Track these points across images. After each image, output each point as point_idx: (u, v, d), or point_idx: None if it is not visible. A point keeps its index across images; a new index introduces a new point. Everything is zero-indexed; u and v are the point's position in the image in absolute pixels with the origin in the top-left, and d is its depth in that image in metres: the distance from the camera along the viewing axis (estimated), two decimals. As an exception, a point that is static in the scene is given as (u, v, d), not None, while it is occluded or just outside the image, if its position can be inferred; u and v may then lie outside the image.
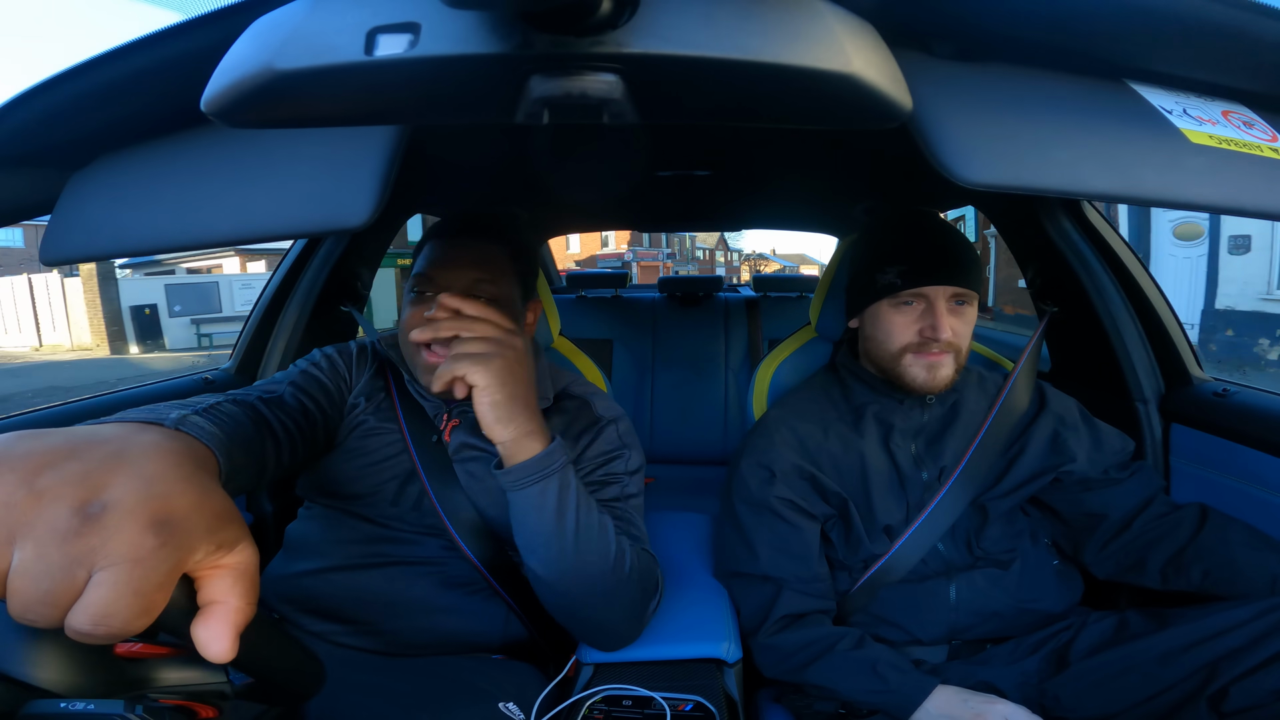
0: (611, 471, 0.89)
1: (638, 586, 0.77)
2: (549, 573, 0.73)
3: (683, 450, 2.24)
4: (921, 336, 0.89)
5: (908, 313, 0.91)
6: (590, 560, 0.72)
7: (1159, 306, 1.08)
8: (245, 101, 0.35)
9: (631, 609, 0.78)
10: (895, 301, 0.91)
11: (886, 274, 0.90)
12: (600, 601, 0.75)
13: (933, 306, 0.89)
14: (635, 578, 0.77)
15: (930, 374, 0.90)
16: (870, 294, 0.93)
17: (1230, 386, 1.00)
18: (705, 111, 0.39)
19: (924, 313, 0.90)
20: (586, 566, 0.72)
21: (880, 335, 0.93)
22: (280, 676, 0.52)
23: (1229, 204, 0.43)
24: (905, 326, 0.91)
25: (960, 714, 0.76)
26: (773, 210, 2.38)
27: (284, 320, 1.34)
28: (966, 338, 0.92)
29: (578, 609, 0.76)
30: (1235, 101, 0.49)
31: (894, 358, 0.92)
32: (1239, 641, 0.74)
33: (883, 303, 0.92)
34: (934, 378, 0.90)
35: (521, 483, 0.70)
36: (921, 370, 0.90)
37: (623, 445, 0.91)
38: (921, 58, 0.45)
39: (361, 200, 0.45)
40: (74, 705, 0.46)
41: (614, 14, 0.31)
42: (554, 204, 2.00)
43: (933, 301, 0.89)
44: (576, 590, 0.74)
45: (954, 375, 0.92)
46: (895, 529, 0.93)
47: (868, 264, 0.94)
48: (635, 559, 0.77)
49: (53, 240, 0.54)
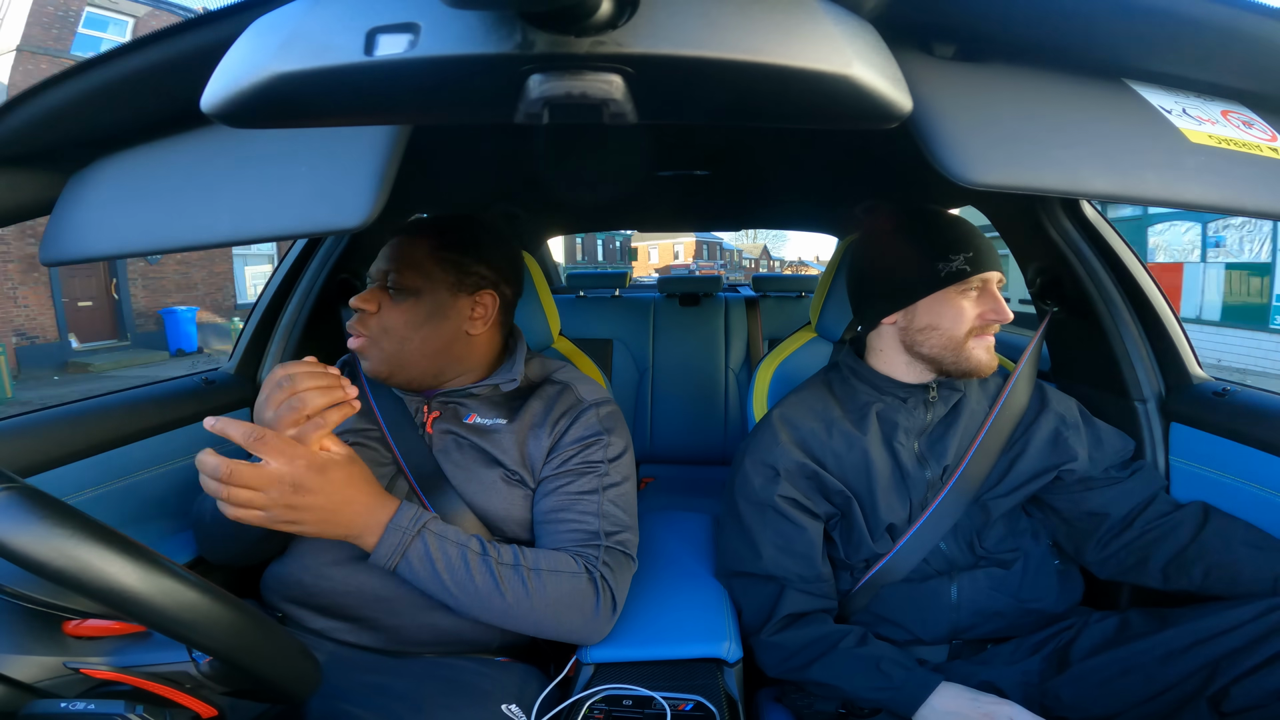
0: (589, 460, 0.89)
1: (549, 606, 0.78)
2: (463, 616, 0.78)
3: (682, 450, 2.24)
4: (983, 320, 0.93)
5: (973, 297, 0.94)
6: (485, 603, 0.76)
7: (1159, 306, 1.08)
8: (245, 102, 0.35)
9: (559, 624, 0.79)
10: (964, 288, 0.93)
11: (952, 261, 0.92)
12: (525, 624, 0.78)
13: (989, 291, 0.94)
14: (542, 597, 0.77)
15: (989, 354, 0.95)
16: (933, 283, 0.94)
17: (1230, 386, 1.00)
18: (705, 111, 0.39)
19: (982, 297, 0.94)
20: (486, 608, 0.76)
21: (946, 322, 0.94)
22: (277, 675, 0.52)
23: (1228, 203, 0.43)
24: (971, 310, 0.94)
25: (969, 713, 0.76)
26: (773, 210, 2.38)
27: (283, 320, 1.34)
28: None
29: (515, 630, 0.80)
30: (1234, 101, 0.49)
31: (960, 342, 0.94)
32: (1240, 641, 0.74)
33: (949, 290, 0.94)
34: (992, 358, 0.95)
35: (389, 563, 0.73)
36: (983, 352, 0.95)
37: (602, 430, 0.91)
38: (921, 58, 0.45)
39: (361, 200, 0.45)
40: (74, 705, 0.46)
41: (614, 14, 0.31)
42: (554, 204, 2.00)
43: (990, 286, 0.94)
44: (497, 621, 0.78)
45: None
46: (898, 528, 0.94)
47: (924, 255, 0.95)
48: (531, 584, 0.77)
49: (52, 240, 0.54)
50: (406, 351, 0.87)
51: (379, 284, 0.87)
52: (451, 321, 0.88)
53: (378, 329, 0.86)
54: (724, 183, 1.73)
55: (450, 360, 0.91)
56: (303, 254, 1.35)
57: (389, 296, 0.86)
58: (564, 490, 0.87)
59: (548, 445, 0.89)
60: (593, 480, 0.87)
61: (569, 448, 0.89)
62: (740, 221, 2.82)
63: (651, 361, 2.29)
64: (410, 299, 0.86)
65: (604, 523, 0.85)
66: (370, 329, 0.86)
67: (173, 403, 1.13)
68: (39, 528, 0.42)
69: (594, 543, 0.83)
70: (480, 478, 0.87)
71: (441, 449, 0.89)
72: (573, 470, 0.88)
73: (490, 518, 0.87)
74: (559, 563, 0.80)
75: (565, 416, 0.91)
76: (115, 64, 0.47)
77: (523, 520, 0.89)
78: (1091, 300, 1.10)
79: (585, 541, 0.84)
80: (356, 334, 0.87)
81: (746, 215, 2.58)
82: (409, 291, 0.86)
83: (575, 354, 1.34)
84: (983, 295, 0.94)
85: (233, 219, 0.48)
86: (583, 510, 0.85)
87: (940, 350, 0.95)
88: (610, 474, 0.89)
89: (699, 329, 2.32)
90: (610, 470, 0.89)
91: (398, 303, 0.86)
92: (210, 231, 0.49)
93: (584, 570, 0.80)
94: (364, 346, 0.87)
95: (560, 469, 0.88)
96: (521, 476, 0.88)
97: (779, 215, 2.52)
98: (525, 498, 0.89)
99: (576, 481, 0.87)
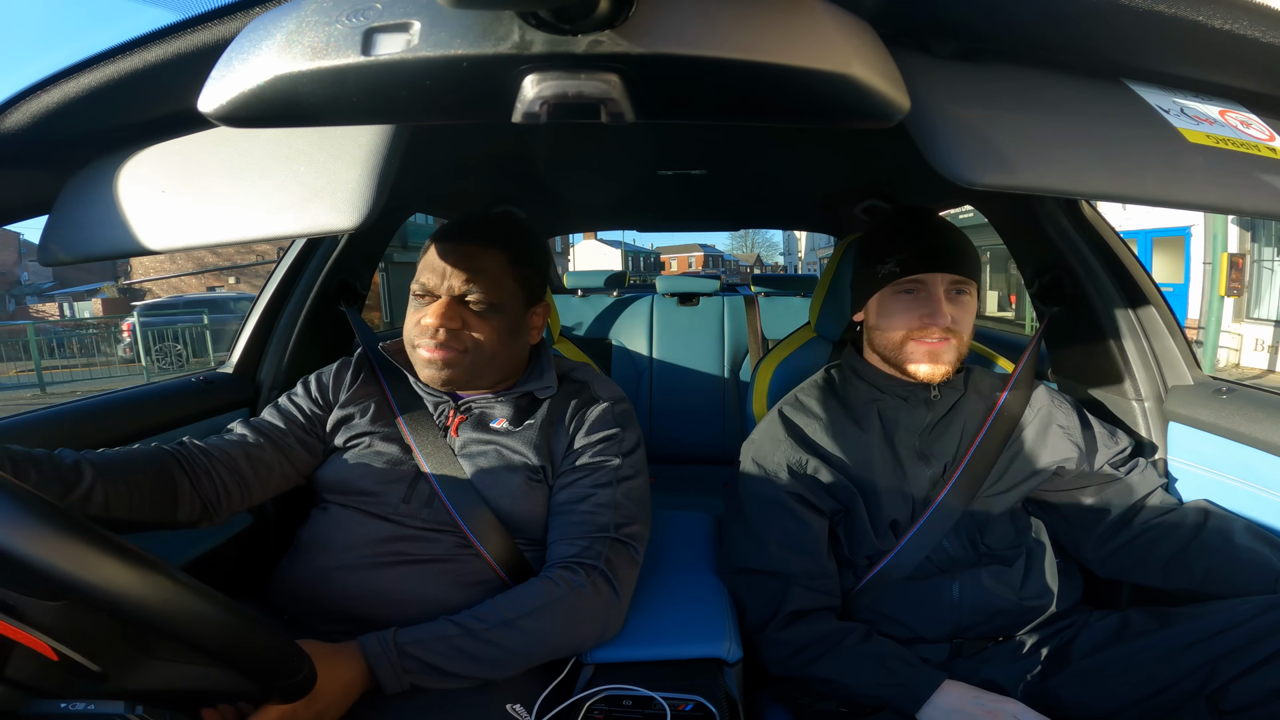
0: (604, 454, 0.90)
1: (556, 636, 0.79)
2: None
3: (682, 449, 2.24)
4: (921, 322, 0.93)
5: (908, 300, 0.95)
6: (499, 666, 0.76)
7: (1158, 306, 1.08)
8: (243, 102, 0.35)
9: (577, 643, 0.81)
10: (896, 289, 0.95)
11: (886, 264, 0.94)
12: (543, 658, 0.79)
13: (932, 293, 0.93)
14: (545, 634, 0.78)
15: (933, 361, 0.94)
16: (872, 283, 0.97)
17: (1230, 386, 1.00)
18: (703, 110, 0.39)
19: (924, 300, 0.93)
20: (501, 668, 0.76)
21: (884, 323, 0.97)
22: (270, 673, 0.52)
23: (1227, 203, 0.43)
24: (905, 313, 0.94)
25: (973, 710, 0.76)
26: (773, 210, 2.38)
27: (282, 321, 1.33)
28: (967, 326, 0.95)
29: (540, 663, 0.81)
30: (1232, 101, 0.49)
31: (898, 345, 0.96)
32: (1239, 640, 0.74)
33: (885, 291, 0.96)
34: (936, 365, 0.94)
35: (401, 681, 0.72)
36: (924, 357, 0.94)
37: (618, 426, 0.93)
38: (920, 58, 0.45)
39: (360, 200, 0.45)
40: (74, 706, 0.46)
41: (611, 13, 0.31)
42: (554, 204, 2.00)
43: (931, 288, 0.93)
44: (519, 669, 0.78)
45: (955, 363, 0.95)
46: (901, 525, 0.94)
47: (869, 257, 0.99)
48: (528, 628, 0.77)
49: (50, 240, 0.54)
50: (492, 364, 0.89)
51: (451, 296, 0.85)
52: (524, 333, 0.91)
53: (469, 343, 0.85)
54: (722, 182, 1.73)
55: (501, 367, 0.92)
56: (302, 254, 1.35)
57: (470, 311, 0.85)
58: (579, 483, 0.88)
59: (566, 442, 0.91)
60: (607, 474, 0.89)
61: (585, 443, 0.90)
62: (739, 221, 2.82)
63: (651, 361, 2.29)
64: (497, 315, 0.86)
65: (615, 514, 0.86)
66: (462, 343, 0.85)
67: (172, 402, 1.13)
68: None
69: (602, 534, 0.84)
70: (504, 481, 0.87)
71: (466, 453, 0.89)
72: (588, 465, 0.89)
73: (513, 520, 0.88)
74: (540, 595, 0.79)
75: (583, 413, 0.93)
76: (113, 64, 0.47)
77: (545, 520, 0.90)
78: (1090, 300, 1.11)
79: (592, 534, 0.84)
80: (449, 348, 0.85)
81: (745, 214, 2.58)
82: (494, 307, 0.86)
83: (575, 354, 1.34)
84: (918, 297, 0.94)
85: (232, 219, 0.48)
86: (597, 502, 0.86)
87: (885, 350, 0.98)
88: (624, 468, 0.90)
89: (698, 328, 2.32)
90: (624, 464, 0.90)
91: (486, 319, 0.86)
92: (209, 231, 0.49)
93: (567, 583, 0.80)
94: (451, 359, 0.85)
95: (576, 464, 0.89)
96: (544, 476, 0.90)
97: (778, 215, 2.53)
98: (547, 498, 0.90)
99: (591, 475, 0.88)
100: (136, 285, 18.16)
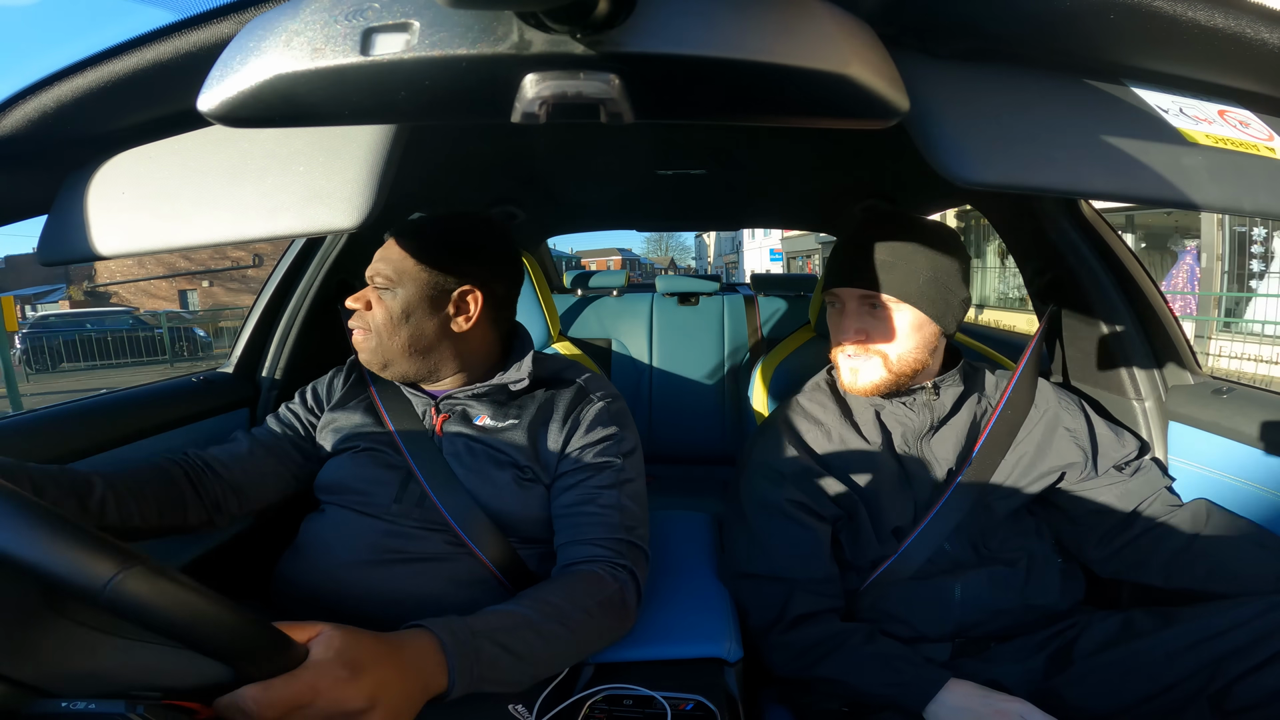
0: (604, 455, 0.89)
1: (607, 628, 0.80)
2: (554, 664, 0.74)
3: (682, 450, 2.23)
4: (837, 336, 0.96)
5: (834, 314, 0.98)
6: (555, 659, 0.73)
7: (1158, 306, 1.08)
8: (241, 101, 0.35)
9: (612, 637, 0.81)
10: (829, 302, 0.99)
11: (826, 278, 0.98)
12: (588, 653, 0.79)
13: (842, 308, 0.96)
14: (596, 625, 0.77)
15: (852, 376, 0.96)
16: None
17: (1230, 386, 1.00)
18: (702, 110, 0.39)
19: (838, 314, 0.97)
20: (552, 664, 0.73)
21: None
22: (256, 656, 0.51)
23: (1225, 203, 0.43)
24: (833, 327, 0.98)
25: (980, 709, 0.76)
26: (774, 210, 2.38)
27: (282, 321, 1.33)
28: (886, 339, 0.93)
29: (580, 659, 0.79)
30: (1232, 101, 0.49)
31: (835, 358, 0.99)
32: (1242, 640, 0.74)
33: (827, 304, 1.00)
34: (855, 379, 0.95)
35: (471, 686, 0.63)
36: (844, 371, 0.97)
37: (615, 424, 0.92)
38: (920, 58, 0.45)
39: (359, 201, 0.45)
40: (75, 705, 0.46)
41: (611, 14, 0.31)
42: (553, 203, 2.00)
43: (844, 303, 0.96)
44: (568, 664, 0.77)
45: (884, 380, 0.94)
46: (904, 529, 0.94)
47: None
48: (585, 618, 0.75)
49: (50, 240, 0.54)
50: (393, 346, 0.89)
51: (370, 282, 0.91)
52: (435, 319, 0.89)
53: (370, 322, 0.90)
54: (725, 181, 1.73)
55: (442, 357, 0.91)
56: (301, 254, 1.35)
57: (375, 293, 0.90)
58: (583, 485, 0.88)
59: (561, 441, 0.90)
60: (610, 475, 0.88)
61: (585, 443, 0.90)
62: (739, 221, 2.82)
63: (650, 361, 2.29)
64: (390, 296, 0.88)
65: (624, 517, 0.86)
66: (365, 322, 0.90)
67: (172, 402, 1.13)
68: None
69: (619, 536, 0.84)
70: (493, 479, 0.87)
71: (452, 452, 0.89)
72: (589, 466, 0.88)
73: (505, 519, 0.87)
74: (592, 588, 0.78)
75: (577, 413, 0.92)
76: (111, 63, 0.47)
77: (541, 519, 0.89)
78: (1090, 300, 1.10)
79: (610, 536, 0.84)
80: (357, 327, 0.91)
81: (747, 214, 2.58)
82: (388, 289, 0.88)
83: (574, 353, 1.34)
84: (836, 311, 0.97)
85: (231, 219, 0.48)
86: (604, 504, 0.86)
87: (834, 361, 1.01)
88: (625, 469, 0.90)
89: (698, 328, 2.31)
90: (625, 465, 0.90)
91: (384, 299, 0.89)
92: (208, 231, 0.49)
93: (612, 578, 0.81)
94: (358, 341, 0.91)
95: (576, 465, 0.89)
96: (535, 475, 0.89)
97: (781, 214, 2.52)
98: (542, 496, 0.90)
99: (595, 477, 0.88)
100: (101, 289, 18.23)
